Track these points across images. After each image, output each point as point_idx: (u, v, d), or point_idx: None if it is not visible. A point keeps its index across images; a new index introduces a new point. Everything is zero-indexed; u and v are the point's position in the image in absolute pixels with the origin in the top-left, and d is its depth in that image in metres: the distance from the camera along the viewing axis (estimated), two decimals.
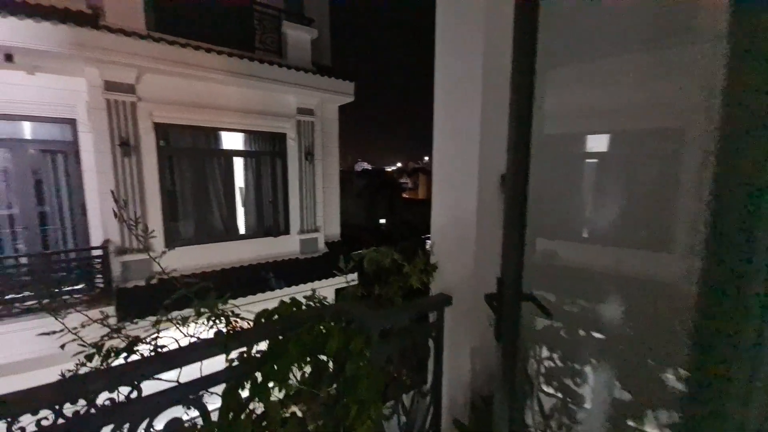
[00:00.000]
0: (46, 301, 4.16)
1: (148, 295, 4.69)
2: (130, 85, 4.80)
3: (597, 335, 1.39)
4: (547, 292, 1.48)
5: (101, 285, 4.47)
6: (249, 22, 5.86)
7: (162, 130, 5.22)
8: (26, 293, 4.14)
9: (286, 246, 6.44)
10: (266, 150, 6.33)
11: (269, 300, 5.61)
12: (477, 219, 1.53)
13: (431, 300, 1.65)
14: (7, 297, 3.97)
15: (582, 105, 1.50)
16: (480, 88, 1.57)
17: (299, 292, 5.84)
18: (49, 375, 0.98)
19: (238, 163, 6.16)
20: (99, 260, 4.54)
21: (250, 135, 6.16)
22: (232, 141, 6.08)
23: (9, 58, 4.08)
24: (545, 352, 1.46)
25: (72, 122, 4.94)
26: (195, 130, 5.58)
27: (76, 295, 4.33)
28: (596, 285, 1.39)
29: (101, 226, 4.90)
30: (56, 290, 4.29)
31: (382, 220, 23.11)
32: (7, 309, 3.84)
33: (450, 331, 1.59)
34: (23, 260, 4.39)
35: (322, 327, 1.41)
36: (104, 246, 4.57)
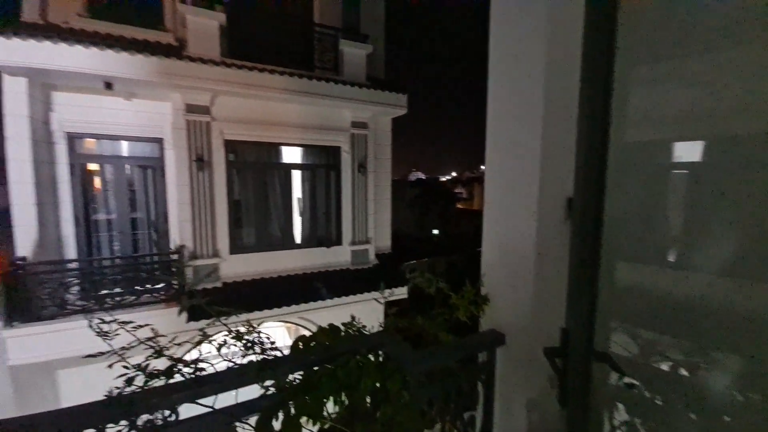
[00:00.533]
0: (132, 298, 4.73)
1: (215, 298, 5.08)
2: (206, 106, 5.34)
3: (695, 399, 1.10)
4: (626, 336, 1.22)
5: (176, 286, 4.95)
6: (309, 43, 6.19)
7: (231, 146, 5.71)
8: (117, 290, 4.76)
9: (338, 256, 6.57)
10: (321, 163, 6.57)
11: (320, 309, 5.73)
12: (536, 250, 1.33)
13: (481, 337, 1.47)
14: (102, 293, 4.59)
15: (668, 107, 1.23)
16: (541, 98, 1.38)
17: (348, 303, 5.89)
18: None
19: (296, 175, 6.48)
20: (175, 264, 5.04)
21: (307, 148, 6.45)
22: (291, 154, 6.42)
23: (109, 86, 4.79)
24: (624, 415, 1.20)
25: (159, 141, 5.63)
26: (258, 145, 6.00)
27: (155, 294, 4.84)
28: (694, 326, 1.10)
29: (178, 232, 5.46)
30: (140, 288, 4.86)
31: (435, 231, 22.66)
32: (99, 303, 4.42)
33: (502, 376, 1.39)
34: (117, 261, 5.05)
35: (358, 360, 1.32)
36: (179, 251, 5.07)
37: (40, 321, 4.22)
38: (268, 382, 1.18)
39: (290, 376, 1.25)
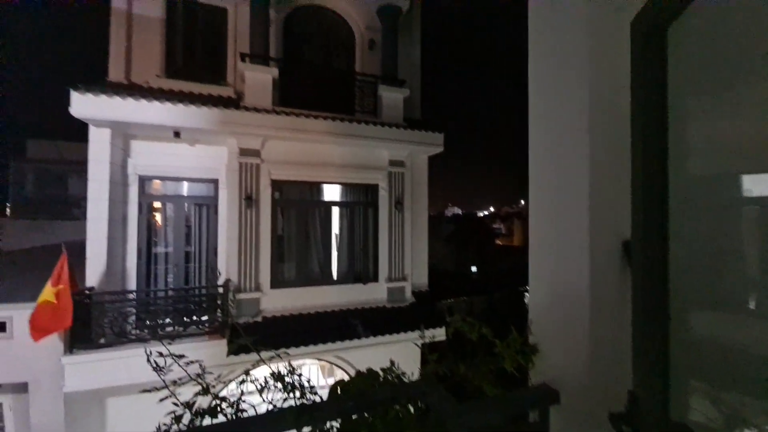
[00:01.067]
0: (180, 328, 4.97)
1: (255, 332, 5.19)
2: (257, 150, 5.83)
3: None
4: (707, 401, 1.05)
5: (220, 319, 5.14)
6: (351, 90, 6.67)
7: (276, 185, 6.10)
8: (168, 320, 5.04)
9: (374, 293, 6.51)
10: (360, 200, 6.76)
11: (355, 348, 5.61)
12: (591, 297, 1.23)
13: (531, 393, 1.34)
14: (154, 322, 4.88)
15: (732, 138, 1.13)
16: (587, 133, 1.34)
17: (383, 343, 5.71)
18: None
19: (335, 212, 6.70)
20: (220, 296, 5.28)
21: (347, 186, 6.71)
22: (331, 192, 6.70)
23: (177, 134, 5.43)
24: None
25: (215, 181, 6.17)
26: (301, 184, 6.35)
27: (200, 326, 5.06)
28: None
29: (225, 266, 5.77)
30: (188, 320, 5.11)
31: (474, 268, 21.84)
32: (152, 333, 4.69)
33: None
34: (170, 293, 5.41)
35: (398, 410, 1.26)
36: (225, 285, 5.32)
37: (99, 348, 4.54)
38: (306, 429, 1.15)
39: (328, 423, 1.21)
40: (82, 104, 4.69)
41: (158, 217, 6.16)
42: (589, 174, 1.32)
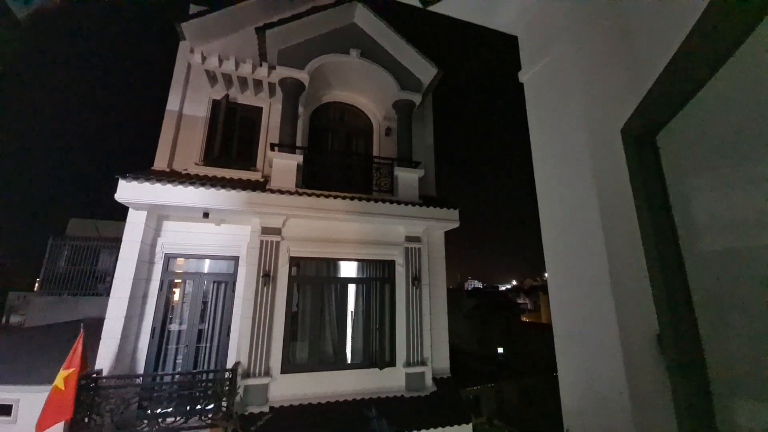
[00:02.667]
0: (181, 420, 4.60)
1: (260, 426, 4.76)
2: (278, 228, 6.08)
3: None
4: None
5: (224, 409, 4.77)
6: (368, 172, 7.15)
7: (294, 262, 6.19)
8: (170, 409, 4.71)
9: (391, 380, 5.99)
10: (376, 276, 6.69)
11: None
12: (630, 399, 1.10)
13: None
14: (156, 411, 4.57)
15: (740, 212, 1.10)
16: (599, 225, 1.34)
17: None
18: None
19: (351, 289, 6.60)
20: (228, 382, 4.98)
21: (363, 263, 6.72)
22: (348, 269, 6.70)
23: (206, 215, 5.80)
24: None
25: (236, 258, 6.34)
26: (318, 261, 6.42)
27: (203, 417, 4.68)
28: None
29: (236, 347, 5.57)
30: (190, 409, 4.76)
31: (500, 349, 20.16)
32: (152, 425, 4.35)
33: None
34: (177, 377, 5.16)
35: None
36: (234, 369, 5.07)
37: None
38: None
39: None
40: (126, 190, 5.19)
41: (177, 294, 6.23)
42: (608, 266, 1.29)
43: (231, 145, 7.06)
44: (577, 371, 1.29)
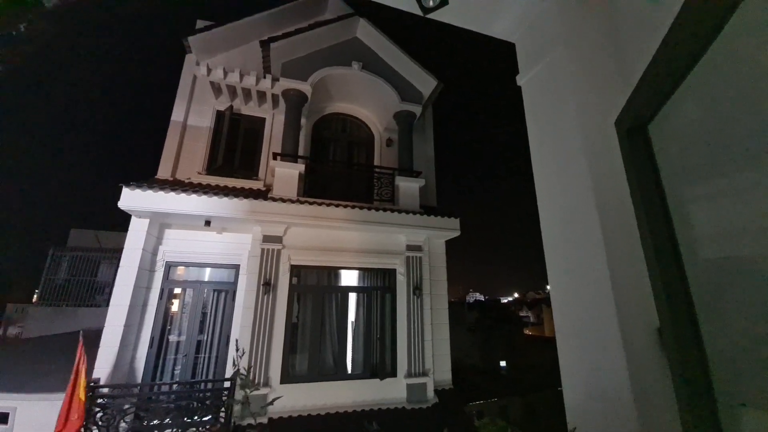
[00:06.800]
0: (177, 431, 4.51)
1: None
2: (279, 236, 6.09)
3: None
4: None
5: (222, 420, 4.68)
6: (370, 181, 7.20)
7: (295, 270, 6.17)
8: (167, 420, 4.62)
9: (392, 391, 5.88)
10: (377, 285, 6.66)
11: None
12: (633, 393, 1.09)
13: None
14: (152, 423, 4.48)
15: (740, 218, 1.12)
16: (597, 220, 1.35)
17: None
18: None
19: (352, 298, 6.56)
20: (226, 392, 4.90)
21: (364, 271, 6.69)
22: (349, 277, 6.67)
23: (207, 223, 5.82)
24: None
25: (236, 267, 6.33)
26: (319, 269, 6.40)
27: (200, 429, 4.58)
28: None
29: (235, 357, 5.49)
30: (189, 420, 4.66)
31: (503, 362, 19.83)
32: None
33: None
34: (174, 387, 5.08)
35: None
36: (233, 378, 4.99)
37: None
38: None
39: None
40: (129, 198, 5.23)
41: (176, 303, 6.19)
42: (606, 262, 1.30)
43: (234, 155, 7.15)
44: (580, 367, 1.29)
